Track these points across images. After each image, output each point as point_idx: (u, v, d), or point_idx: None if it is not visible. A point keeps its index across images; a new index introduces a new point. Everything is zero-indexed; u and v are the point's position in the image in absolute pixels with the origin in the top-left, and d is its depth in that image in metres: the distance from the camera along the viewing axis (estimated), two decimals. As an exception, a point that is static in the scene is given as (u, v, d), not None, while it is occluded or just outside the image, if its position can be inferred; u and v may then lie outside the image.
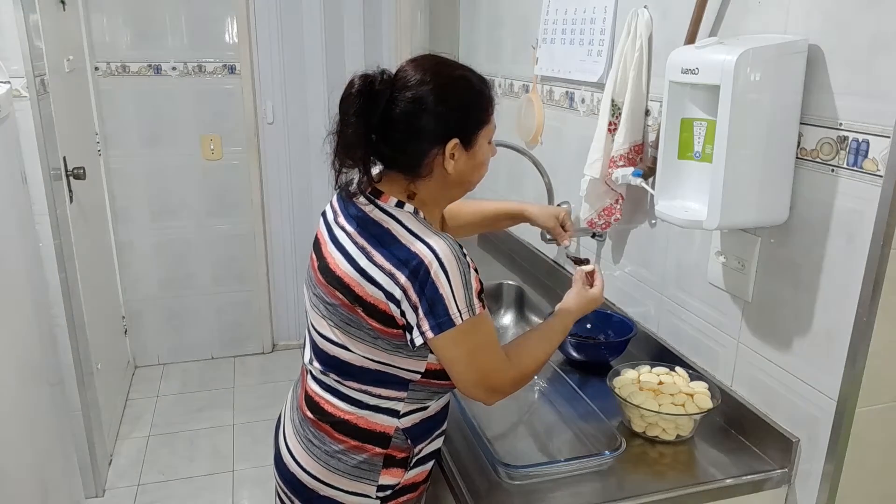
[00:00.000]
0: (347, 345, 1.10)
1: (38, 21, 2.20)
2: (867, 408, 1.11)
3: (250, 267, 3.50)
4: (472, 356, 1.06)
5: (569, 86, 1.93)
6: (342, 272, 1.08)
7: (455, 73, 1.10)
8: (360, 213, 1.11)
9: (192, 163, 3.27)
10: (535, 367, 1.17)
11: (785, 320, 1.21)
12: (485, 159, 1.14)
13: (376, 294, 1.04)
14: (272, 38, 3.29)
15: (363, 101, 1.04)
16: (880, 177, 1.01)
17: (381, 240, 1.06)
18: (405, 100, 1.05)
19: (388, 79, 1.07)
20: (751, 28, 1.23)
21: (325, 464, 1.14)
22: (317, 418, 1.16)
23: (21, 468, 1.63)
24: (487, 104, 1.12)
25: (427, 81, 1.06)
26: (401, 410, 1.12)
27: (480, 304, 1.05)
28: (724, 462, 1.24)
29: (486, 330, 1.07)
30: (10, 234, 1.71)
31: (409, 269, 1.01)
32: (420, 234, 1.04)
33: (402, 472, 1.14)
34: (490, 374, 1.09)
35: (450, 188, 1.14)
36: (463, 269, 1.03)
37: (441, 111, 1.05)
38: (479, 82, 1.12)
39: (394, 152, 1.08)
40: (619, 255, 1.74)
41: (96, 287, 2.75)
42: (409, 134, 1.06)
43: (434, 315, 1.02)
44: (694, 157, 1.23)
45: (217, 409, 3.13)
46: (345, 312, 1.08)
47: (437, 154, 1.07)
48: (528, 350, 1.16)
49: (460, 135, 1.07)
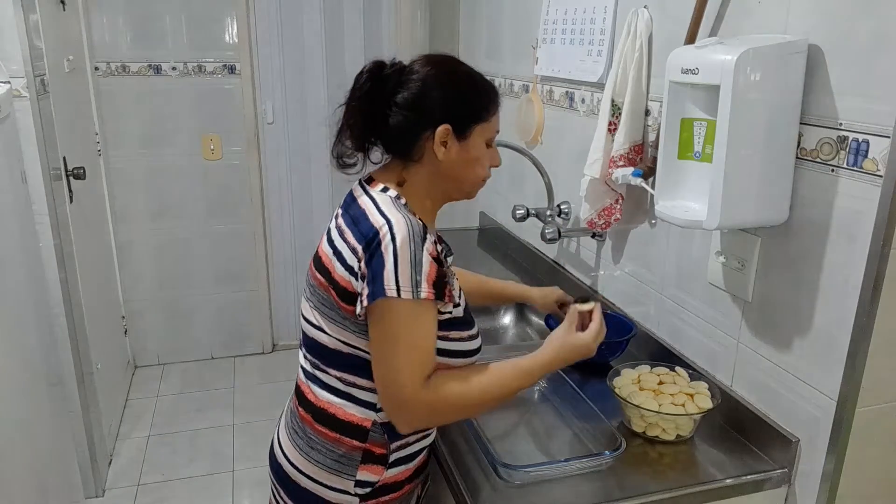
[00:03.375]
0: (323, 326, 1.12)
1: (38, 21, 2.20)
2: (867, 408, 1.11)
3: (250, 267, 3.50)
4: (392, 346, 1.02)
5: (569, 86, 1.93)
6: (322, 251, 1.13)
7: (462, 67, 1.14)
8: (350, 197, 1.15)
9: (192, 163, 3.28)
10: (461, 403, 1.06)
11: (785, 320, 1.21)
12: (479, 156, 1.13)
13: (343, 274, 1.06)
14: (272, 38, 3.30)
15: (370, 82, 1.09)
16: (880, 177, 1.01)
17: (355, 219, 1.09)
18: (407, 82, 1.09)
19: (398, 66, 1.12)
20: (751, 28, 1.23)
21: (307, 455, 1.16)
22: (301, 407, 1.18)
23: (21, 468, 1.63)
24: (488, 103, 1.13)
25: (431, 69, 1.11)
26: (377, 403, 1.12)
27: (430, 291, 1.01)
28: (724, 462, 1.24)
29: (419, 325, 1.02)
30: (10, 234, 1.71)
31: (365, 240, 1.04)
32: (385, 211, 1.06)
33: (381, 469, 1.15)
34: (399, 382, 1.02)
35: (441, 179, 1.14)
36: (414, 249, 1.02)
37: (436, 94, 1.09)
38: (485, 83, 1.14)
39: (388, 131, 1.11)
40: (619, 255, 1.74)
41: (96, 287, 2.75)
42: (403, 113, 1.09)
43: (373, 283, 1.01)
44: (694, 157, 1.23)
45: (217, 409, 3.13)
46: (321, 293, 1.11)
47: (429, 137, 1.09)
48: (463, 380, 1.06)
49: (453, 122, 1.09)
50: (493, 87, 1.16)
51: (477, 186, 1.18)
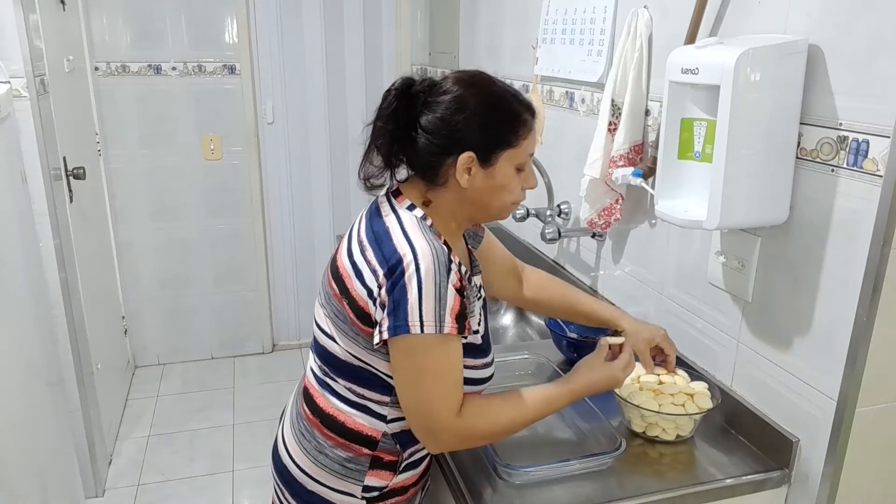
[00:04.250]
0: (335, 337, 1.10)
1: (38, 21, 2.20)
2: (867, 408, 1.11)
3: (250, 267, 3.50)
4: (419, 378, 1.02)
5: (569, 86, 1.93)
6: (340, 262, 1.10)
7: (491, 88, 1.07)
8: (375, 209, 1.11)
9: (192, 163, 3.27)
10: (490, 431, 1.08)
11: (785, 320, 1.21)
12: (506, 184, 1.08)
13: (360, 291, 1.04)
14: (272, 38, 3.30)
15: (397, 100, 1.06)
16: (880, 177, 1.00)
17: (377, 236, 1.06)
18: (432, 103, 1.05)
19: (427, 84, 1.07)
20: (751, 28, 1.23)
21: (314, 459, 1.15)
22: (310, 412, 1.17)
23: (21, 468, 1.63)
24: (518, 127, 1.06)
25: (456, 91, 1.05)
26: (387, 416, 1.11)
27: (454, 326, 1.00)
28: (724, 462, 1.24)
29: (445, 357, 1.02)
30: (10, 234, 1.71)
31: (388, 266, 1.01)
32: (410, 235, 1.03)
33: (390, 475, 1.14)
34: (431, 411, 1.03)
35: (466, 205, 1.10)
36: (439, 281, 0.99)
37: (458, 120, 1.03)
38: (514, 105, 1.07)
39: (413, 155, 1.08)
40: (619, 255, 1.74)
41: (96, 287, 2.75)
42: (427, 139, 1.05)
43: (394, 316, 0.99)
44: (694, 157, 1.23)
45: (217, 409, 3.13)
46: (335, 303, 1.09)
47: (452, 164, 1.05)
48: (493, 410, 1.08)
49: (476, 149, 1.04)
50: (526, 107, 1.08)
51: (506, 211, 1.13)
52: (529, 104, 1.09)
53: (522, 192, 1.12)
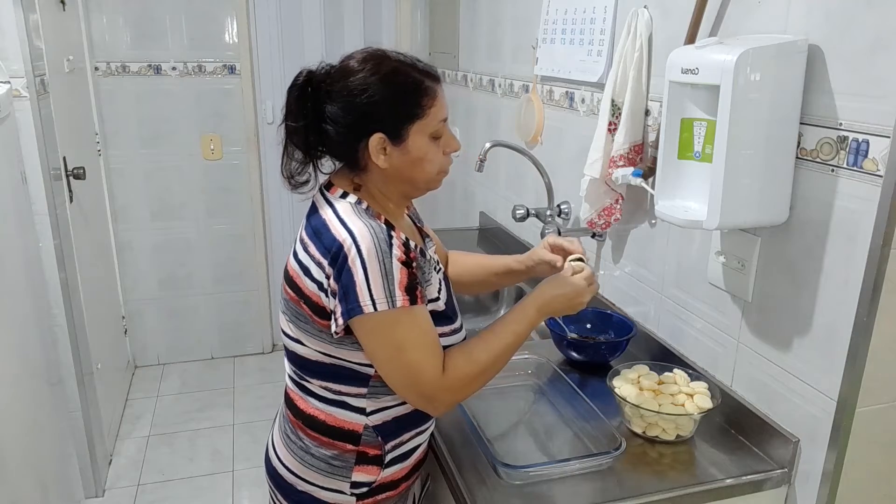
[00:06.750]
0: (301, 339, 1.11)
1: (38, 21, 2.20)
2: (867, 408, 1.11)
3: (250, 267, 3.50)
4: (396, 353, 1.02)
5: (569, 86, 1.93)
6: (290, 266, 1.11)
7: (386, 64, 1.05)
8: (312, 206, 1.13)
9: (192, 163, 3.28)
10: (479, 369, 1.07)
11: (785, 320, 1.21)
12: (423, 155, 1.07)
13: (311, 287, 1.05)
14: (272, 38, 3.30)
15: (301, 93, 1.07)
16: (880, 177, 1.01)
17: (316, 230, 1.06)
18: (332, 93, 1.05)
19: (326, 72, 1.08)
20: (751, 28, 1.23)
21: (301, 459, 1.16)
22: (292, 414, 1.18)
23: (21, 468, 1.63)
24: (420, 97, 1.05)
25: (353, 74, 1.05)
26: (367, 408, 1.12)
27: (406, 298, 1.00)
28: (724, 462, 1.24)
29: (412, 326, 1.02)
30: (10, 234, 1.71)
31: (330, 255, 1.02)
32: (347, 221, 1.03)
33: (377, 469, 1.15)
34: (418, 380, 1.04)
35: (393, 183, 1.10)
36: (382, 258, 0.99)
37: (359, 104, 1.03)
38: (411, 77, 1.05)
39: (330, 145, 1.09)
40: (619, 255, 1.74)
41: (96, 287, 2.75)
42: (334, 128, 1.06)
43: (346, 301, 1.00)
44: (694, 157, 1.23)
45: (217, 409, 3.13)
46: (293, 307, 1.10)
47: (365, 148, 1.05)
48: (472, 350, 1.08)
49: (384, 129, 1.04)
50: (426, 74, 1.06)
51: (434, 181, 1.12)
52: (430, 70, 1.08)
53: (447, 158, 1.12)
